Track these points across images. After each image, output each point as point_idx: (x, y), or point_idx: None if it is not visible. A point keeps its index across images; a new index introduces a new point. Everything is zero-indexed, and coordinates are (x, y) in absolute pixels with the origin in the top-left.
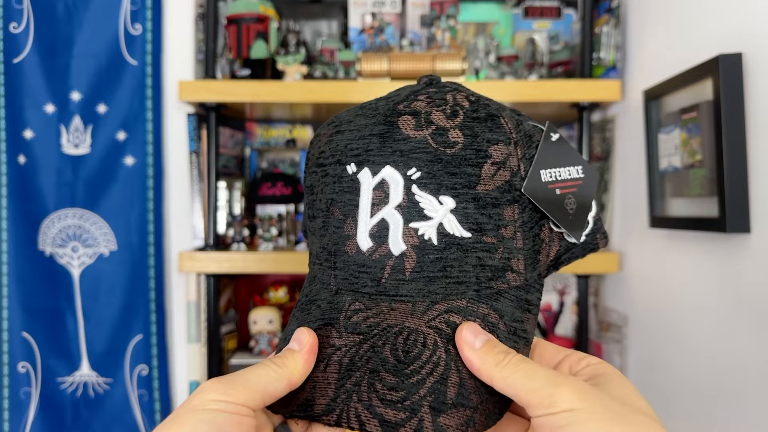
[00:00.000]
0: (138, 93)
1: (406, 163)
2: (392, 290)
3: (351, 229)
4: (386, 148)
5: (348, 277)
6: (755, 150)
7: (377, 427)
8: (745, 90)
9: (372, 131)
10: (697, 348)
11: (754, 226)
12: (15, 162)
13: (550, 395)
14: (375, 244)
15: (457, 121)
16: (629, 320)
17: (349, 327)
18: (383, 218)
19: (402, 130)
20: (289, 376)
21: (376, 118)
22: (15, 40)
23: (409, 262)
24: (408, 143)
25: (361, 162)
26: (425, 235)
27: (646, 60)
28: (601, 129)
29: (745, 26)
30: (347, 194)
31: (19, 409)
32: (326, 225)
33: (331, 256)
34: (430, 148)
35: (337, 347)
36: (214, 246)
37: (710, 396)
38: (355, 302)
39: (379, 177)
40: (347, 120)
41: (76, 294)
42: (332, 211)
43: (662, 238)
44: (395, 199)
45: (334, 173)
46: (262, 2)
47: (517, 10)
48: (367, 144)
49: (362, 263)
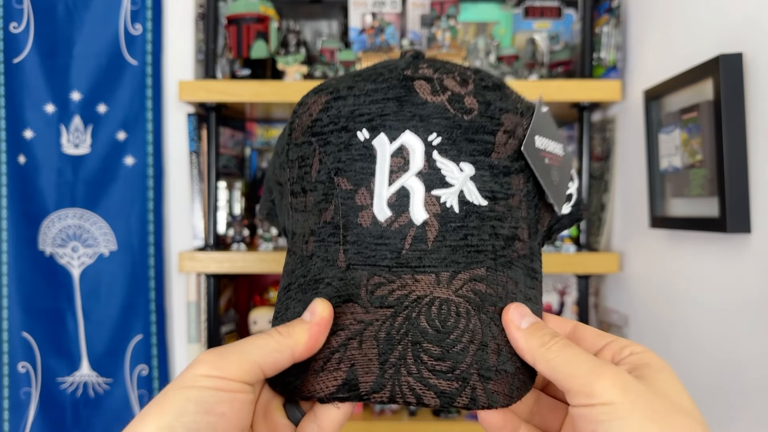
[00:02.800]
0: (138, 93)
1: (426, 129)
2: (414, 261)
3: (365, 199)
4: (404, 112)
5: (362, 250)
6: (755, 150)
7: (434, 398)
8: (745, 90)
9: (387, 95)
10: (698, 348)
11: (754, 227)
12: (15, 162)
13: (590, 384)
14: (394, 214)
15: (470, 88)
16: (629, 320)
17: (375, 301)
18: (403, 186)
19: (419, 95)
20: (293, 345)
21: (388, 81)
22: (15, 40)
23: (431, 231)
24: (426, 108)
25: (375, 127)
26: (447, 202)
27: (647, 60)
28: (602, 129)
29: (745, 26)
30: (358, 162)
31: (19, 409)
32: (327, 198)
33: (337, 230)
34: (448, 113)
35: (367, 322)
36: (214, 246)
37: (711, 396)
38: (373, 276)
39: (398, 143)
40: (347, 86)
41: (76, 294)
42: (338, 182)
43: (662, 238)
44: (416, 165)
45: (339, 141)
46: (262, 2)
47: (517, 10)
48: (381, 108)
49: (379, 235)
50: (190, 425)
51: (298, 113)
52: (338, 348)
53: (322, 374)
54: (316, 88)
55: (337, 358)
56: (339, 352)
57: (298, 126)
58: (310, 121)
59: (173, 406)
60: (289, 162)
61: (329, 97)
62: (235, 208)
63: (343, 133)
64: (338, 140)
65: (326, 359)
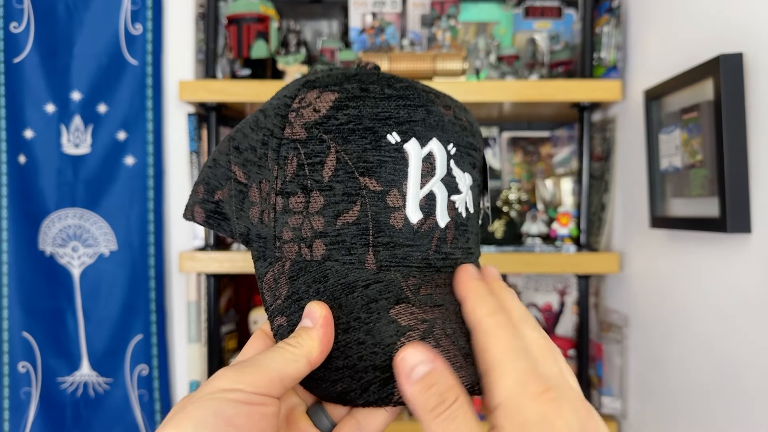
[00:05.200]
0: (138, 93)
1: (446, 138)
2: (439, 262)
3: (397, 201)
4: (431, 120)
5: (395, 252)
6: (756, 150)
7: None
8: (745, 90)
9: (414, 102)
10: (698, 348)
11: (754, 227)
12: (15, 162)
13: None
14: (423, 217)
15: (457, 107)
16: (630, 320)
17: (426, 301)
18: (431, 190)
19: (437, 107)
20: (308, 354)
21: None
22: (15, 40)
23: (450, 233)
24: (444, 119)
25: (406, 132)
26: (459, 208)
27: (647, 60)
28: (602, 129)
29: (745, 26)
30: (389, 164)
31: (19, 409)
32: (350, 198)
33: (366, 232)
34: (457, 127)
35: (431, 321)
36: (214, 246)
37: (711, 396)
38: (409, 277)
39: (428, 149)
40: (358, 87)
41: (76, 294)
42: (365, 182)
43: (663, 238)
44: (440, 171)
45: (363, 142)
46: (262, 2)
47: (517, 10)
48: (410, 114)
49: (411, 237)
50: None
51: (292, 107)
52: None
53: None
54: (309, 84)
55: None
56: None
57: (296, 121)
58: (318, 118)
59: (192, 417)
60: (281, 159)
61: (338, 95)
62: None
63: (368, 134)
64: (362, 140)
65: None
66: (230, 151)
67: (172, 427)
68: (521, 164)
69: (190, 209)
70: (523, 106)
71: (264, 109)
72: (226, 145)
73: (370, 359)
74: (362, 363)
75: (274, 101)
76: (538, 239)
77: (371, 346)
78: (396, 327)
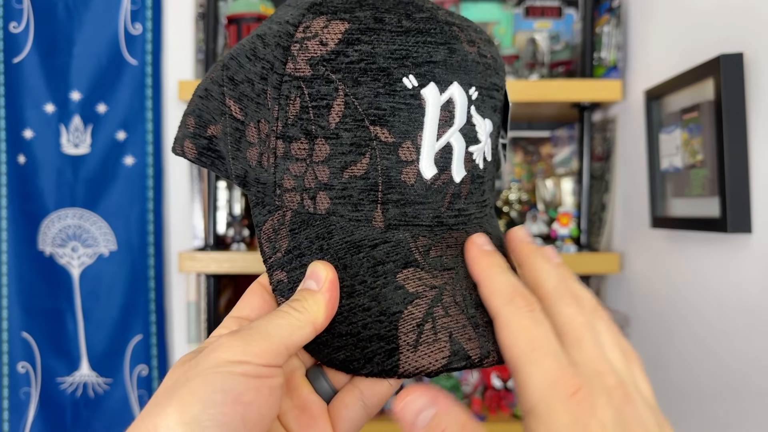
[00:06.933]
0: (138, 93)
1: (468, 82)
2: (451, 219)
3: (410, 154)
4: (453, 61)
5: (406, 210)
6: (756, 150)
7: None
8: (746, 90)
9: (435, 38)
10: (699, 348)
11: (755, 227)
12: (15, 162)
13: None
14: (438, 171)
15: (484, 40)
16: (630, 321)
17: (435, 264)
18: (449, 142)
19: (461, 43)
20: (313, 320)
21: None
22: (15, 40)
23: (465, 188)
24: (467, 59)
25: (424, 74)
26: (477, 159)
27: (647, 60)
28: (602, 129)
29: (746, 26)
30: (404, 112)
31: (19, 409)
32: (359, 149)
33: (375, 187)
34: (480, 67)
35: (441, 287)
36: (214, 246)
37: (712, 396)
38: (419, 237)
39: (447, 95)
40: (371, 16)
41: (75, 294)
42: (375, 132)
43: (663, 238)
44: (459, 120)
45: (376, 85)
46: (262, 2)
47: (517, 9)
48: (430, 53)
49: (423, 193)
50: (218, 417)
51: (296, 38)
52: (425, 318)
53: (422, 348)
54: (315, 9)
55: (430, 329)
56: (429, 323)
57: (300, 54)
58: (325, 53)
59: (198, 396)
60: (282, 98)
61: (349, 25)
62: (234, 208)
63: (381, 76)
64: (375, 83)
65: (418, 331)
66: (224, 82)
67: (175, 405)
68: (521, 164)
69: (180, 143)
70: (523, 106)
71: (262, 34)
72: (219, 74)
73: (375, 328)
74: (366, 332)
75: (275, 26)
76: (539, 239)
77: (376, 314)
78: (403, 294)
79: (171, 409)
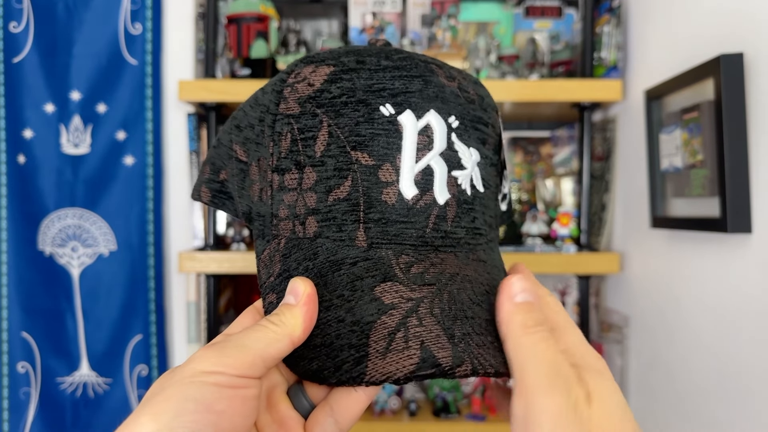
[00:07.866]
0: (138, 93)
1: (447, 111)
2: (437, 241)
3: (390, 176)
4: (429, 91)
5: (387, 228)
6: (756, 150)
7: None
8: (746, 90)
9: (411, 72)
10: (699, 348)
11: (755, 227)
12: (15, 162)
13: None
14: (420, 192)
15: (465, 80)
16: (630, 321)
17: (416, 279)
18: (429, 165)
19: (438, 77)
20: (290, 333)
21: (407, 60)
22: (15, 40)
23: (450, 211)
24: (445, 91)
25: (401, 103)
26: (462, 184)
27: (648, 60)
28: (602, 129)
29: (746, 26)
30: (382, 137)
31: (19, 409)
32: (341, 173)
33: (356, 208)
34: (461, 99)
35: (417, 299)
36: (214, 246)
37: (712, 396)
38: (401, 255)
39: (424, 121)
40: (354, 60)
41: (75, 294)
42: (356, 156)
43: (663, 238)
44: (439, 145)
45: (356, 115)
46: (262, 2)
47: (518, 9)
48: (406, 85)
49: (405, 213)
50: (190, 425)
51: (288, 82)
52: (397, 327)
53: (390, 355)
54: (307, 59)
55: (402, 337)
56: (401, 331)
57: (290, 96)
58: (311, 92)
59: (171, 404)
60: (275, 135)
61: (333, 68)
62: None
63: (360, 107)
64: (354, 113)
65: (388, 339)
66: (232, 130)
67: (149, 413)
68: (521, 164)
69: (197, 189)
70: (523, 106)
71: (264, 86)
72: (229, 124)
73: (347, 338)
74: (339, 341)
75: (274, 78)
76: (539, 239)
77: (350, 324)
78: (378, 305)
79: (145, 417)
